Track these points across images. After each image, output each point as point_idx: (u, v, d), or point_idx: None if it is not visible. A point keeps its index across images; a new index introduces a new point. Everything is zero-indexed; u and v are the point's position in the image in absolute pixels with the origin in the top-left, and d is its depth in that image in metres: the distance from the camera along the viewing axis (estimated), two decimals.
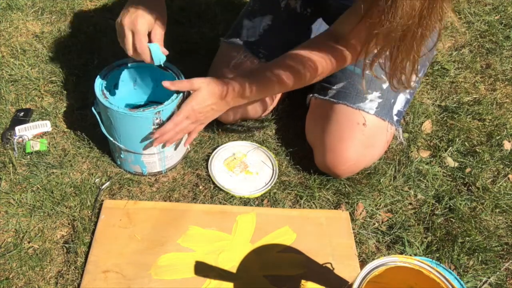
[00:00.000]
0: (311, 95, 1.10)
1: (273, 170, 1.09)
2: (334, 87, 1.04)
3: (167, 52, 0.88)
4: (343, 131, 1.00)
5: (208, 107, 0.91)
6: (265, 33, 1.11)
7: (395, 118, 1.04)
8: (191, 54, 1.37)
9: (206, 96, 0.89)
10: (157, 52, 0.86)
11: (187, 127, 0.93)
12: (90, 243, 0.92)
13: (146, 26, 0.83)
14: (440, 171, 1.12)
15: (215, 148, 1.12)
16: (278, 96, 1.19)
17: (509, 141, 1.21)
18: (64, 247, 0.91)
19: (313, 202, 1.03)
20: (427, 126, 1.23)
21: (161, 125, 0.91)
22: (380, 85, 1.01)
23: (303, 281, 0.87)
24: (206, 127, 0.97)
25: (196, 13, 1.55)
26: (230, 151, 1.13)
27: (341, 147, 1.00)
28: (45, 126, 1.12)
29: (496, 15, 1.65)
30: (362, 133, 1.00)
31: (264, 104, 1.16)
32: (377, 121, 1.00)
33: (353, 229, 0.98)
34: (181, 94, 0.92)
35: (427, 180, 1.09)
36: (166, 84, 0.89)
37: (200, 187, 1.05)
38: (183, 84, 0.91)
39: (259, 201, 1.03)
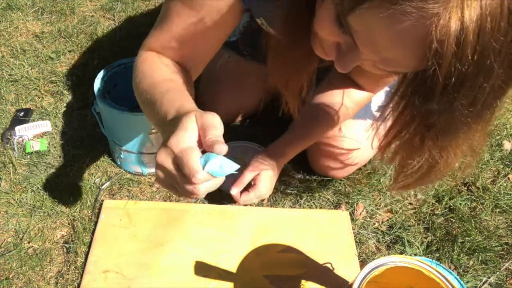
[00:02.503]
0: None
1: None
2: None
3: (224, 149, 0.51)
4: (330, 134, 1.01)
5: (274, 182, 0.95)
6: (245, 31, 1.10)
7: (377, 114, 1.04)
8: None
9: (273, 179, 0.94)
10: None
11: None
12: (90, 243, 0.92)
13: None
14: None
15: None
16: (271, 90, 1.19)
17: (509, 141, 1.21)
18: (64, 247, 0.91)
19: (313, 202, 1.03)
20: None
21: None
22: None
23: (303, 281, 0.87)
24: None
25: None
26: (230, 151, 1.12)
27: (331, 150, 1.00)
28: (45, 126, 1.12)
29: None
30: (344, 137, 0.99)
31: (257, 97, 1.16)
32: (355, 123, 1.00)
33: (353, 229, 0.98)
34: None
35: None
36: (242, 201, 0.91)
37: None
38: (252, 193, 0.91)
39: (259, 201, 1.03)
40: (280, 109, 0.81)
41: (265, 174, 0.91)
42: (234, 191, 0.90)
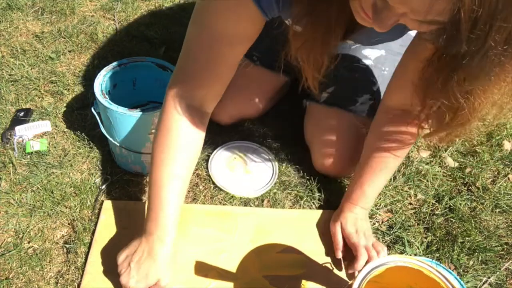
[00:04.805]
0: (305, 100, 1.12)
1: (273, 170, 1.09)
2: (328, 90, 1.05)
3: None
4: (336, 133, 1.02)
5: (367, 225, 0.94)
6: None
7: None
8: None
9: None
10: None
11: None
12: (90, 243, 0.91)
13: None
14: (440, 171, 1.12)
15: (215, 148, 1.12)
16: (275, 97, 1.19)
17: (509, 141, 1.21)
18: (64, 247, 0.91)
19: (313, 202, 1.03)
20: None
21: None
22: (370, 88, 1.03)
23: (303, 281, 0.87)
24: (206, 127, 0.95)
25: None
26: (230, 151, 1.13)
27: (336, 148, 1.02)
28: (45, 126, 1.12)
29: None
30: (355, 133, 1.01)
31: (261, 103, 1.15)
32: (369, 122, 1.00)
33: None
34: None
35: (427, 180, 1.09)
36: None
37: (200, 187, 1.05)
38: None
39: (259, 201, 1.03)
40: (300, 85, 0.82)
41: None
42: (339, 258, 0.91)
